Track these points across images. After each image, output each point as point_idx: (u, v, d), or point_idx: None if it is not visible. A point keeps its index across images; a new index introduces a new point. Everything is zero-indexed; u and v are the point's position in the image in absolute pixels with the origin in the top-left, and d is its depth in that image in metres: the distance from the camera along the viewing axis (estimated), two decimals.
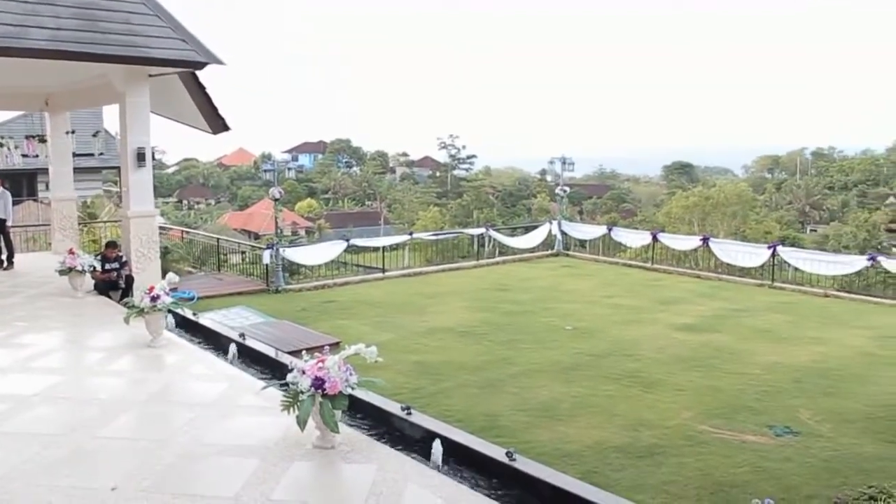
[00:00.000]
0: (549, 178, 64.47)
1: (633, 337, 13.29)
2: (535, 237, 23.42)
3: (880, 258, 18.40)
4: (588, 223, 39.58)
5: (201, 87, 14.19)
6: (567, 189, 24.56)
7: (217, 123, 14.95)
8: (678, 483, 7.46)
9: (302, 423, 6.08)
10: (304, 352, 6.81)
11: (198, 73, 13.05)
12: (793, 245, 33.12)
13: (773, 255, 18.94)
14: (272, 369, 9.04)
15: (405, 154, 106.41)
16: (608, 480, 7.32)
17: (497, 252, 23.52)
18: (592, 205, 71.89)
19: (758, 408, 9.75)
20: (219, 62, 12.28)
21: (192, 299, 14.78)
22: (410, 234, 24.11)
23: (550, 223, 23.88)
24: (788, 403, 9.93)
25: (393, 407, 8.08)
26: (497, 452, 7.01)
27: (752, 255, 19.66)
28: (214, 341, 10.67)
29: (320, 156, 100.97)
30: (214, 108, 14.66)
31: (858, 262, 18.36)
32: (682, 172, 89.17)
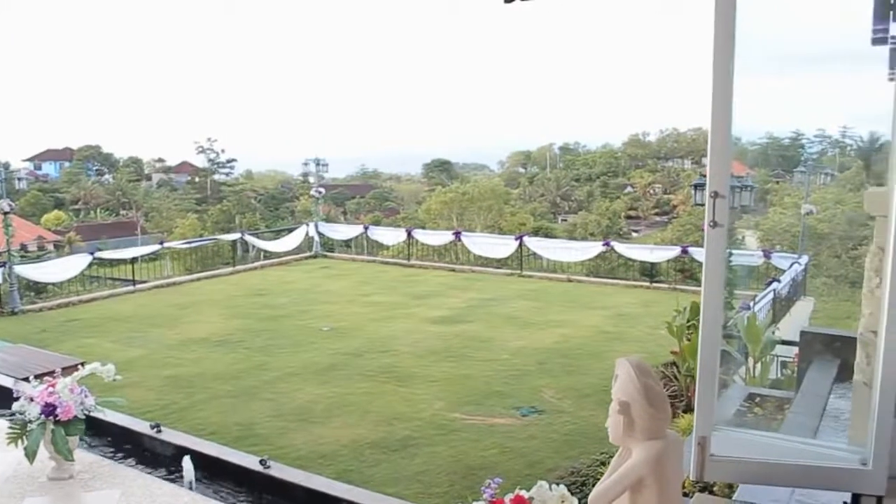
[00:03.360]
0: (311, 179, 63.85)
1: (388, 333, 13.60)
2: (293, 240, 23.30)
3: (613, 243, 20.06)
4: (352, 223, 39.90)
5: None
6: (322, 190, 24.66)
7: None
8: (431, 471, 7.77)
9: (31, 455, 5.74)
10: (31, 377, 6.41)
11: None
12: (546, 235, 35.33)
13: (521, 245, 20.14)
14: (7, 399, 8.42)
15: (161, 160, 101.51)
16: (363, 477, 7.50)
17: (262, 257, 23.17)
18: (356, 204, 72.40)
19: (506, 391, 10.35)
20: None
21: None
22: (161, 243, 23.03)
23: (307, 225, 23.87)
24: (534, 384, 10.62)
25: (142, 426, 7.85)
26: (251, 462, 7.02)
27: (502, 246, 20.80)
28: None
29: (67, 164, 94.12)
30: None
31: (594, 248, 19.93)
32: (441, 170, 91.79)
